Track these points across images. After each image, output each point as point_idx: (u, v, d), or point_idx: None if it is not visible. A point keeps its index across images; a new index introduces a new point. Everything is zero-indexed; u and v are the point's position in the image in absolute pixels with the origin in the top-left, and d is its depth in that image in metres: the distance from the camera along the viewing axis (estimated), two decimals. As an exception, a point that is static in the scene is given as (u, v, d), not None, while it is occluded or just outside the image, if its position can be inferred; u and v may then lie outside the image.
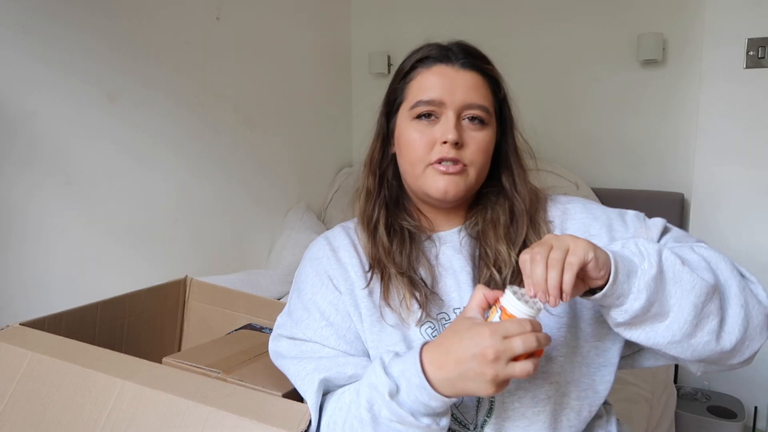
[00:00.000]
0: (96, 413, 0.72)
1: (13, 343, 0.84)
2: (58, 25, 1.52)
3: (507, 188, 0.83)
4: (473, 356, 0.60)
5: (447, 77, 0.79)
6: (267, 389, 0.80)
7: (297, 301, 0.83)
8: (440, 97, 0.78)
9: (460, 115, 0.78)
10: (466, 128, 0.78)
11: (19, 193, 1.45)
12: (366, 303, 0.78)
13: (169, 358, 0.91)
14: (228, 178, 2.10)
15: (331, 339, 0.77)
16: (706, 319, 0.66)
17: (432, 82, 0.79)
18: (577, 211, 0.83)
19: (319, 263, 0.83)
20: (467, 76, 0.79)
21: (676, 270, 0.66)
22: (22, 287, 1.46)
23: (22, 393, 0.78)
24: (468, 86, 0.78)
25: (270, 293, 1.91)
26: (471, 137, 0.78)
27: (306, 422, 0.65)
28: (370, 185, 0.86)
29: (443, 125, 0.77)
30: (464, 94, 0.78)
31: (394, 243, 0.81)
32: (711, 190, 1.91)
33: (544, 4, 2.30)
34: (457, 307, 0.78)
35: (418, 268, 0.80)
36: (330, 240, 0.86)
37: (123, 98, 1.70)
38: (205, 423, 0.66)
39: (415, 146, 0.79)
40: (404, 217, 0.84)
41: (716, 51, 1.84)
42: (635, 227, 0.80)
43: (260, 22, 2.23)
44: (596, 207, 0.84)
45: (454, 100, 0.77)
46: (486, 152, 0.80)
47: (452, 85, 0.78)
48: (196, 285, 1.31)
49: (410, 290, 0.77)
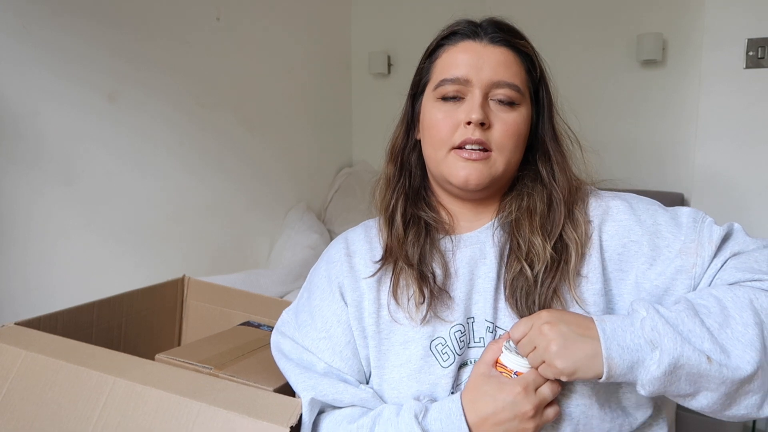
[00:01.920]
0: (88, 411, 0.72)
1: (8, 342, 0.85)
2: (58, 25, 1.52)
3: (544, 175, 0.77)
4: (514, 416, 0.63)
5: (474, 53, 0.72)
6: (259, 384, 0.80)
7: (306, 303, 0.82)
8: (466, 75, 0.72)
9: (488, 95, 0.72)
10: (495, 109, 0.72)
11: (19, 193, 1.46)
12: (371, 316, 0.75)
13: (161, 354, 0.92)
14: (228, 178, 2.11)
15: (326, 353, 0.76)
16: (744, 396, 0.61)
17: (458, 59, 0.73)
18: (621, 212, 0.75)
19: (333, 268, 0.81)
20: (496, 52, 0.72)
21: (701, 368, 0.58)
22: (23, 287, 1.47)
23: (16, 392, 0.79)
24: (496, 62, 0.72)
25: (270, 293, 1.91)
26: (499, 118, 0.72)
27: (297, 416, 0.66)
28: (390, 173, 0.81)
29: (468, 104, 0.72)
30: (492, 71, 0.71)
31: (409, 234, 0.77)
32: (711, 190, 1.90)
33: (544, 4, 2.30)
34: (471, 316, 0.74)
35: (432, 263, 0.76)
36: (348, 243, 0.83)
37: (123, 98, 1.70)
38: (196, 419, 0.66)
39: (438, 127, 0.73)
40: (423, 207, 0.79)
41: (716, 51, 1.84)
42: (687, 236, 0.71)
43: (260, 22, 2.23)
44: (644, 208, 0.76)
45: (481, 77, 0.71)
46: (516, 135, 0.73)
47: (479, 62, 0.72)
48: (194, 284, 1.31)
49: (419, 283, 0.73)
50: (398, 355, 0.74)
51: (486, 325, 0.73)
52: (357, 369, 0.77)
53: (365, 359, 0.77)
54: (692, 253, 0.70)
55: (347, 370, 0.76)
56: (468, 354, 0.73)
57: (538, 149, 0.78)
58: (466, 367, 0.73)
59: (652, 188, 2.18)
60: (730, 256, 0.70)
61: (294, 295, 2.10)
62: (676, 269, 0.70)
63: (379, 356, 0.75)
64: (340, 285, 0.79)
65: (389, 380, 0.74)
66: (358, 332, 0.76)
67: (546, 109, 0.77)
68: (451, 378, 0.72)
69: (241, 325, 1.17)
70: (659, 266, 0.71)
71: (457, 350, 0.72)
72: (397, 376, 0.73)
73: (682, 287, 0.70)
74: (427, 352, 0.72)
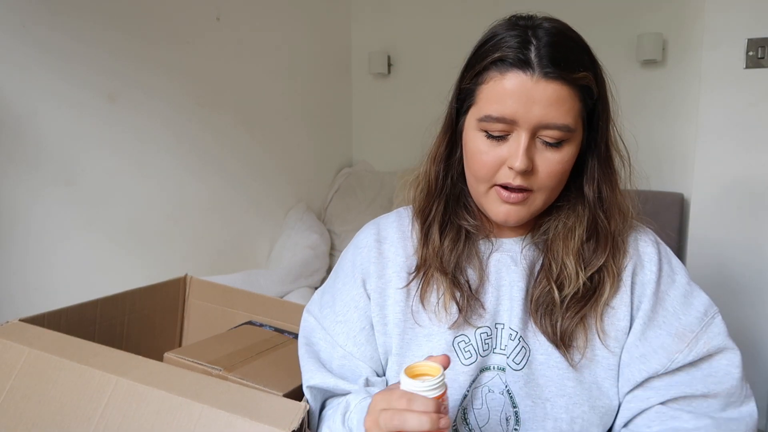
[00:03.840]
0: (90, 410, 0.72)
1: (12, 339, 0.85)
2: (58, 25, 1.52)
3: (590, 199, 0.73)
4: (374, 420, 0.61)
5: (523, 91, 0.64)
6: (268, 389, 0.81)
7: (332, 283, 0.85)
8: (513, 115, 0.65)
9: (536, 134, 0.67)
10: (541, 149, 0.67)
11: (19, 193, 1.46)
12: (396, 304, 0.76)
13: (170, 353, 0.92)
14: (228, 178, 2.11)
15: (341, 336, 0.79)
16: None
17: (505, 95, 0.65)
18: (652, 262, 0.73)
19: (359, 253, 0.81)
20: (549, 90, 0.64)
21: None
22: (23, 286, 1.47)
23: (19, 389, 0.79)
24: (548, 102, 0.64)
25: (270, 293, 1.91)
26: (544, 159, 0.67)
27: (298, 421, 0.66)
28: (431, 180, 0.77)
29: (512, 146, 0.66)
30: (542, 111, 0.64)
31: (445, 241, 0.75)
32: (711, 190, 1.90)
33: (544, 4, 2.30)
34: (500, 322, 0.73)
35: (467, 268, 0.75)
36: (380, 229, 0.82)
37: (123, 98, 1.71)
38: (198, 420, 0.66)
39: (480, 163, 0.69)
40: (464, 215, 0.76)
41: (716, 51, 1.84)
42: (689, 324, 0.71)
43: (260, 22, 2.23)
44: (668, 272, 0.74)
45: (529, 118, 0.65)
46: (560, 173, 0.69)
47: (528, 101, 0.64)
48: (195, 283, 1.32)
49: (452, 291, 0.72)
50: (420, 346, 0.75)
51: (510, 332, 0.73)
52: (370, 356, 0.78)
53: (382, 346, 0.78)
54: (685, 342, 0.70)
55: (359, 355, 0.78)
56: (491, 359, 0.73)
57: (585, 172, 0.73)
58: (488, 371, 0.73)
59: (652, 188, 2.18)
60: (702, 395, 0.69)
61: (294, 295, 2.11)
62: (661, 344, 0.71)
63: (401, 344, 0.75)
64: (363, 272, 0.79)
65: None
66: (378, 319, 0.77)
67: (600, 133, 0.72)
68: (470, 377, 0.72)
69: (243, 324, 1.17)
70: (650, 332, 0.71)
71: (481, 351, 0.73)
72: None
73: (657, 364, 0.70)
74: (449, 348, 0.73)
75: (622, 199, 0.74)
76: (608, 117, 0.72)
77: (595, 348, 0.72)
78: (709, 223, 1.91)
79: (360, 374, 0.78)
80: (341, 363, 0.79)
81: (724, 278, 1.86)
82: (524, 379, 0.71)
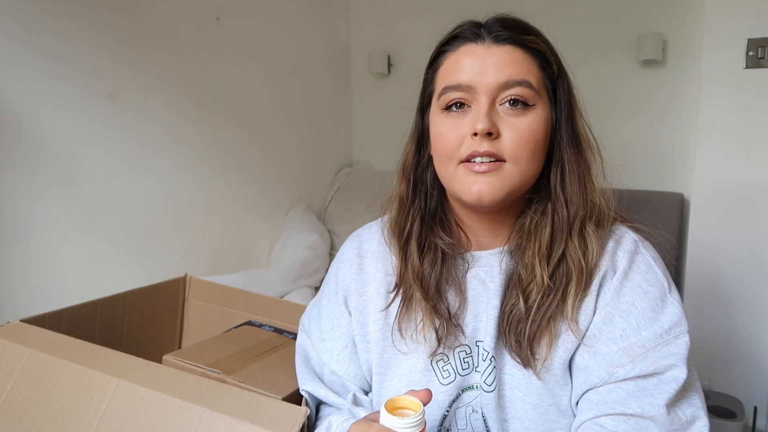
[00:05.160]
0: (91, 412, 0.72)
1: (12, 339, 0.84)
2: (58, 25, 1.52)
3: (553, 188, 0.68)
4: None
5: (476, 56, 0.65)
6: (267, 392, 0.81)
7: (319, 298, 0.85)
8: (468, 81, 0.64)
9: (496, 100, 0.64)
10: (505, 114, 0.64)
11: (19, 194, 1.46)
12: (376, 323, 0.75)
13: (169, 356, 0.91)
14: (228, 178, 2.11)
15: (325, 354, 0.79)
16: None
17: (459, 64, 0.65)
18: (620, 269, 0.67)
19: (342, 268, 0.80)
20: (500, 52, 0.64)
21: None
22: (24, 287, 1.47)
23: (19, 390, 0.79)
24: (502, 63, 0.64)
25: (270, 293, 1.91)
26: (509, 124, 0.64)
27: (299, 425, 0.65)
28: (402, 193, 0.74)
29: (473, 113, 0.64)
30: (497, 72, 0.63)
31: (425, 262, 0.71)
32: (711, 190, 1.90)
33: (544, 4, 2.30)
34: (480, 340, 0.70)
35: (448, 292, 0.72)
36: (362, 242, 0.80)
37: (123, 98, 1.71)
38: (198, 424, 0.66)
39: (444, 141, 0.66)
40: (439, 233, 0.72)
41: (716, 51, 1.84)
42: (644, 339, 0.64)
43: (260, 22, 2.23)
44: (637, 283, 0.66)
45: (486, 82, 0.63)
46: (532, 142, 0.64)
47: (482, 65, 0.64)
48: (195, 283, 1.32)
49: (431, 319, 0.69)
50: (400, 364, 0.74)
51: (484, 352, 0.70)
52: (353, 374, 0.78)
53: (365, 363, 0.77)
54: (630, 356, 0.63)
55: (343, 373, 0.78)
56: (473, 378, 0.71)
57: (553, 157, 0.69)
58: (471, 390, 0.71)
59: (652, 188, 2.18)
60: (637, 415, 0.62)
61: (294, 296, 2.11)
62: (606, 357, 0.65)
63: (381, 363, 0.75)
64: (345, 288, 0.78)
65: (388, 387, 0.74)
66: (360, 337, 0.76)
67: (564, 110, 0.68)
68: (449, 396, 0.71)
69: (243, 325, 1.17)
70: (600, 344, 0.66)
71: (460, 370, 0.71)
72: (397, 384, 0.74)
73: (595, 377, 0.65)
74: (427, 366, 0.71)
75: (593, 187, 0.69)
76: (572, 96, 0.70)
77: (557, 350, 0.67)
78: (709, 222, 1.91)
79: (348, 389, 0.78)
80: (330, 379, 0.79)
81: (723, 278, 1.86)
82: (495, 401, 0.69)
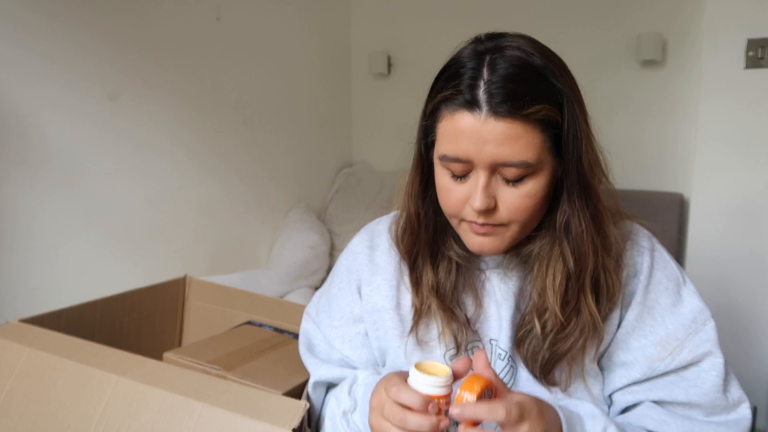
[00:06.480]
0: (91, 409, 0.72)
1: (11, 339, 0.85)
2: (59, 24, 1.52)
3: (558, 229, 0.68)
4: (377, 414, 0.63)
5: (473, 131, 0.61)
6: (267, 388, 0.81)
7: (328, 287, 0.87)
8: (466, 155, 0.63)
9: (495, 171, 0.64)
10: (502, 184, 0.64)
11: (20, 194, 1.46)
12: (389, 309, 0.77)
13: (170, 353, 0.92)
14: (228, 178, 2.11)
15: (337, 341, 0.81)
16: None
17: (456, 134, 0.63)
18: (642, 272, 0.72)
19: (354, 259, 0.82)
20: (498, 129, 0.60)
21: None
22: (25, 287, 1.47)
23: (19, 389, 0.79)
24: (500, 141, 0.61)
25: (270, 293, 1.91)
26: (507, 195, 0.64)
27: (299, 419, 0.66)
28: (412, 217, 0.74)
29: (472, 185, 0.64)
30: (494, 150, 0.61)
31: (439, 272, 0.73)
32: (711, 190, 1.90)
33: (544, 4, 2.30)
34: (494, 338, 0.73)
35: (465, 299, 0.74)
36: (374, 236, 0.82)
37: (123, 98, 1.71)
38: (198, 419, 0.66)
39: (446, 200, 0.68)
40: (452, 245, 0.74)
41: (716, 51, 1.84)
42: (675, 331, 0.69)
43: (260, 22, 2.24)
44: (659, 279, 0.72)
45: (483, 158, 0.62)
46: (531, 207, 0.65)
47: (479, 141, 0.61)
48: (195, 283, 1.32)
49: (450, 327, 0.72)
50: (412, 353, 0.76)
51: (500, 351, 0.73)
52: (366, 358, 0.80)
53: (377, 350, 0.79)
54: (668, 350, 0.69)
55: (356, 358, 0.80)
56: None
57: (564, 200, 0.68)
58: None
59: (652, 188, 2.18)
60: (682, 403, 0.69)
61: (294, 296, 2.11)
62: (644, 353, 0.70)
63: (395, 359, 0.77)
64: (358, 278, 0.81)
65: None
66: (370, 324, 0.79)
67: (569, 162, 0.65)
68: None
69: (243, 324, 1.17)
70: (633, 341, 0.71)
71: None
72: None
73: (637, 372, 0.70)
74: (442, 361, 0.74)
75: (607, 229, 0.68)
76: (579, 143, 0.66)
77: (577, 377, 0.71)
78: (709, 222, 1.91)
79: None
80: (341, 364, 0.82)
81: (724, 278, 1.86)
82: None
